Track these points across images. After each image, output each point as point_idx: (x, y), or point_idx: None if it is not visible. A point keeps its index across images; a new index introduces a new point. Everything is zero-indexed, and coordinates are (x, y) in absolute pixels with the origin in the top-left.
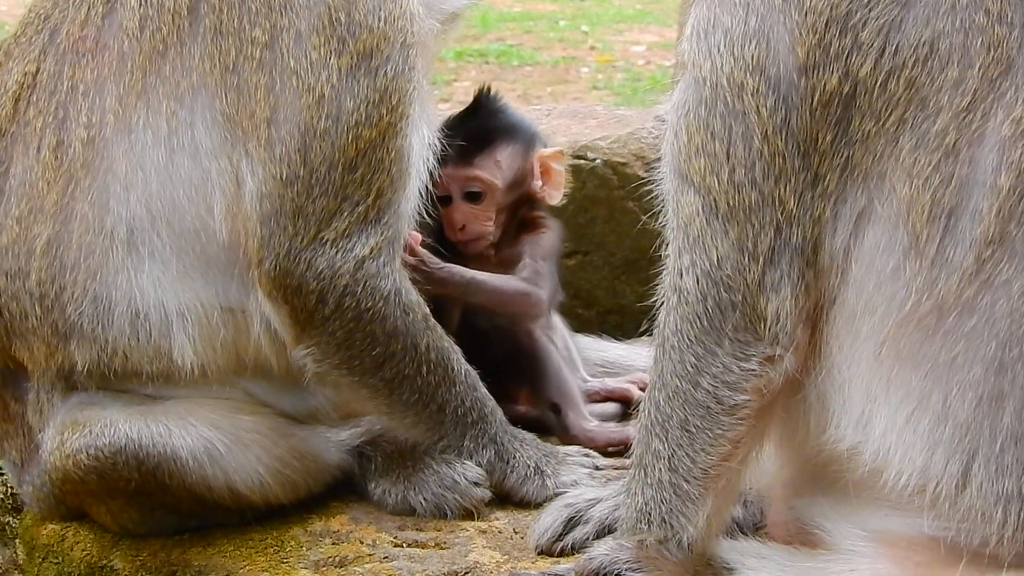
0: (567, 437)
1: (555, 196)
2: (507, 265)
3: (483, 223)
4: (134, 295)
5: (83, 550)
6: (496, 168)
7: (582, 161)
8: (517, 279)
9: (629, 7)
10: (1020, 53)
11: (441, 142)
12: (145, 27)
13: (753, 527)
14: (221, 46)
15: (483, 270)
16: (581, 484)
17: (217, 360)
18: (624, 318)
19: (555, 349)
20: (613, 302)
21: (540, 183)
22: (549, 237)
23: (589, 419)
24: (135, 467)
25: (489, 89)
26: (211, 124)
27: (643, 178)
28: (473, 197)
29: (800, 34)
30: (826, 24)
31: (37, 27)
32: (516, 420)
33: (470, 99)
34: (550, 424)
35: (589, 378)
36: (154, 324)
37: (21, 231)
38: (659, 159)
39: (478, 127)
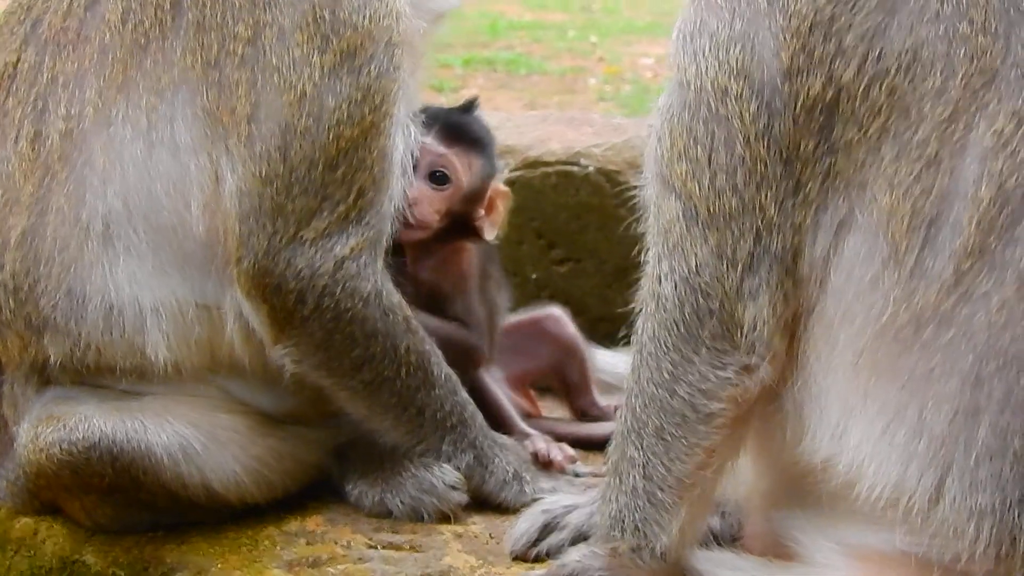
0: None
1: (491, 231)
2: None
3: (434, 211)
4: (108, 290)
5: (55, 544)
6: (468, 169)
7: (575, 168)
8: (466, 332)
9: (639, 19)
10: (1003, 64)
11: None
12: (127, 20)
13: (731, 538)
14: (203, 41)
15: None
16: (560, 490)
17: (191, 357)
18: (615, 326)
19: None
20: (604, 310)
21: (483, 213)
22: (469, 275)
23: (524, 428)
24: (109, 463)
25: (476, 101)
26: (191, 120)
27: (637, 186)
28: (439, 180)
29: (784, 38)
30: (810, 28)
31: (20, 17)
32: None
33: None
34: None
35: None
36: (128, 319)
37: None
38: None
39: (466, 126)
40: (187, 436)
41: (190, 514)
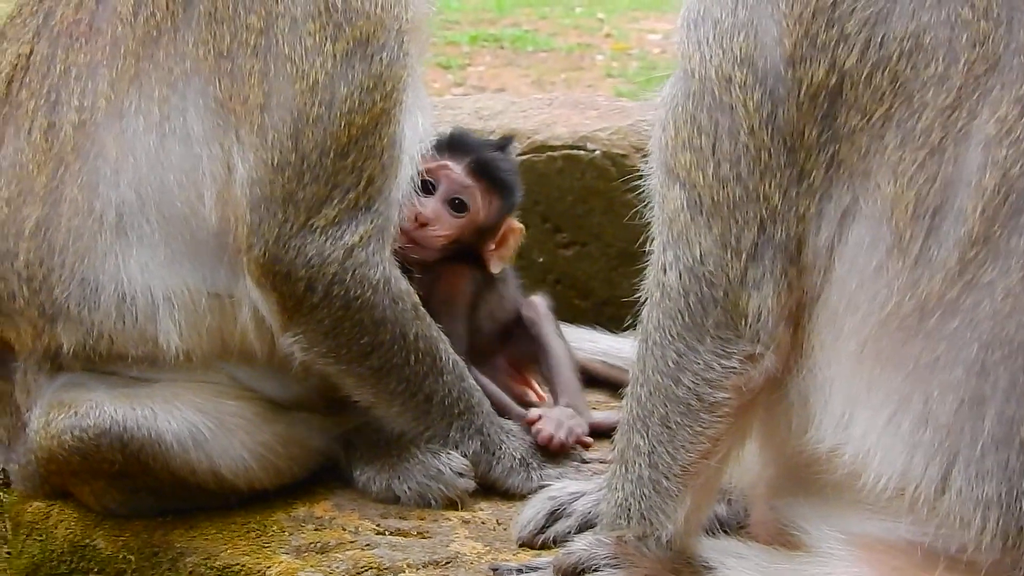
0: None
1: (497, 265)
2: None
3: (442, 235)
4: (121, 279)
5: (67, 528)
6: (488, 205)
7: (581, 152)
8: None
9: None
10: (1006, 50)
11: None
12: (139, 12)
13: (737, 526)
14: (215, 32)
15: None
16: (566, 477)
17: (202, 345)
18: (620, 310)
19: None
20: (609, 293)
21: (494, 247)
22: (458, 302)
23: (522, 412)
24: (119, 449)
25: (513, 140)
26: (203, 110)
27: (642, 171)
28: (457, 207)
29: (787, 25)
30: (813, 14)
31: (32, 9)
32: None
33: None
34: None
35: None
36: (140, 308)
37: (10, 213)
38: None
39: (497, 164)
40: (196, 422)
41: (199, 499)
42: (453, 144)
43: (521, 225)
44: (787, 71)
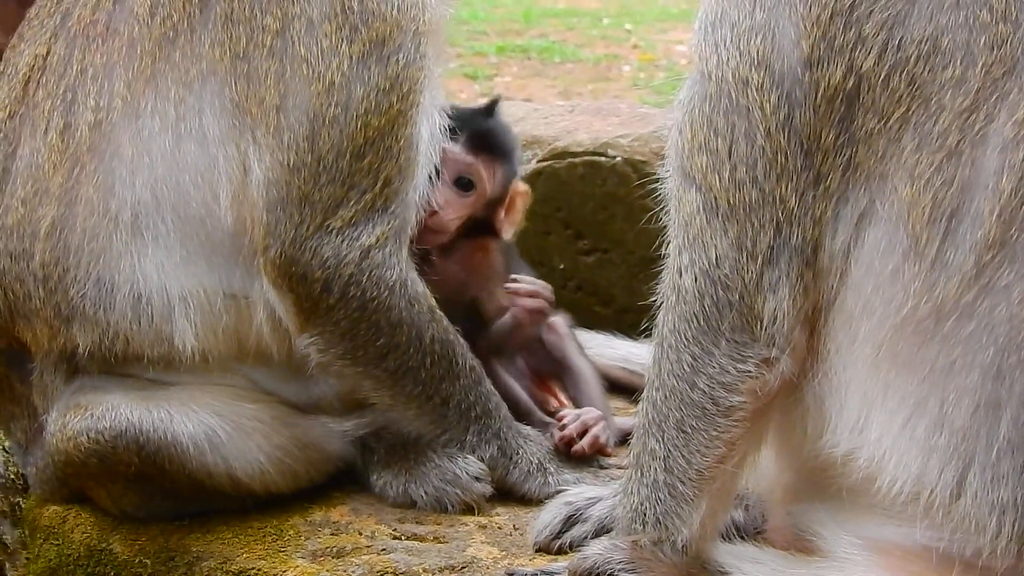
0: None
1: (508, 230)
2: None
3: (455, 216)
4: (137, 279)
5: (83, 533)
6: (492, 178)
7: (603, 158)
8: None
9: (673, 6)
10: None
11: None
12: (155, 13)
13: (754, 531)
14: (232, 33)
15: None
16: (583, 482)
17: (218, 346)
18: (640, 316)
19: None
20: (630, 300)
21: (503, 214)
22: (497, 274)
23: (544, 418)
24: (135, 451)
25: (499, 101)
26: (219, 111)
27: (663, 178)
28: (464, 186)
29: (805, 27)
30: (831, 17)
31: (50, 10)
32: None
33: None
34: None
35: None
36: (156, 309)
37: (26, 213)
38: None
39: (492, 134)
40: (212, 425)
41: (215, 503)
42: None
43: (526, 186)
44: (804, 73)
